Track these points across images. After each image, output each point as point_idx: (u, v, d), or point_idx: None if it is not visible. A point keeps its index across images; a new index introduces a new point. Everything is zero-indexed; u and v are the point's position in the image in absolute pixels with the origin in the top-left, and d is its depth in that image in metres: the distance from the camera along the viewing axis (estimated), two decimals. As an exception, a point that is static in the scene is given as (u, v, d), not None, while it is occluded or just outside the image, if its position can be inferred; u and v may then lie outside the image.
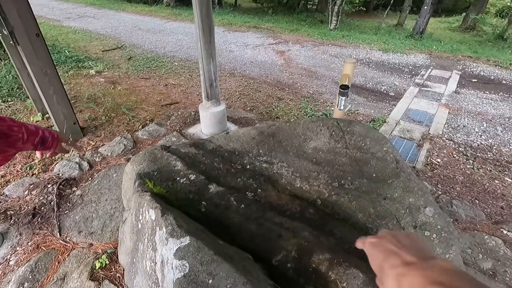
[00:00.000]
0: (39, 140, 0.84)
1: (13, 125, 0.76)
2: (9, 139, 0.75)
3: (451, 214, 1.99)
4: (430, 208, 1.13)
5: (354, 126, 1.42)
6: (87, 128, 3.14)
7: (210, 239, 1.02)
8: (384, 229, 1.13)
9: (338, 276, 0.97)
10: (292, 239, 1.10)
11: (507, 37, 8.77)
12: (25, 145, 0.80)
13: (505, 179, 2.77)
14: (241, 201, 1.28)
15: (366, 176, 1.29)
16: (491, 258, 1.64)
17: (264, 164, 1.48)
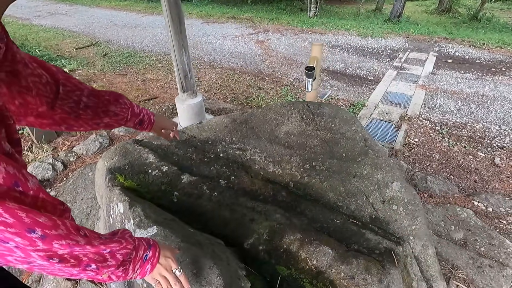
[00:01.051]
0: (138, 121, 0.92)
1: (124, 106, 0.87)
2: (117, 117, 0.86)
3: (426, 189, 2.06)
4: (397, 183, 1.16)
5: (324, 108, 1.43)
6: (61, 128, 3.04)
7: (180, 228, 1.02)
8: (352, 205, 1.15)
9: (309, 254, 0.98)
10: (264, 222, 1.10)
11: (480, 18, 8.97)
12: (127, 123, 0.90)
13: (478, 154, 2.86)
14: (214, 189, 1.28)
15: (336, 156, 1.31)
16: (463, 228, 1.70)
17: (237, 151, 1.47)
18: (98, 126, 0.85)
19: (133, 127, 0.93)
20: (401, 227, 1.07)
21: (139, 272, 0.64)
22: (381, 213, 1.12)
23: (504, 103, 3.89)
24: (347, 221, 1.11)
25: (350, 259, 0.96)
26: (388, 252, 1.00)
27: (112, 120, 0.85)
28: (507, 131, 3.25)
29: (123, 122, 0.89)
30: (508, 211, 1.87)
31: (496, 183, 2.45)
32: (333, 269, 0.94)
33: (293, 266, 0.97)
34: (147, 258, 0.66)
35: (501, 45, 6.22)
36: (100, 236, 0.57)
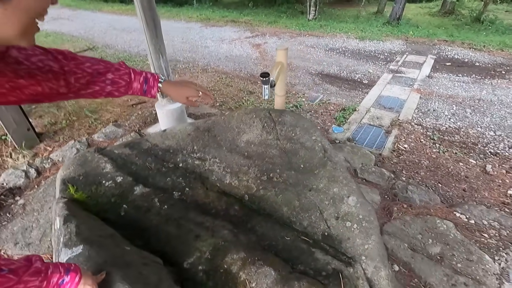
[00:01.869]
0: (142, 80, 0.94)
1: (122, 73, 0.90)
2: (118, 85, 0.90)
3: (406, 199, 1.96)
4: (353, 197, 1.08)
5: (285, 116, 1.36)
6: (45, 134, 3.02)
7: (113, 246, 0.96)
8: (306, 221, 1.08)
9: (249, 276, 0.91)
10: (209, 239, 1.04)
11: (483, 20, 8.80)
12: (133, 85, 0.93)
13: (470, 160, 2.76)
14: (165, 201, 1.22)
15: (294, 167, 1.24)
16: (441, 242, 1.61)
17: (197, 161, 1.41)
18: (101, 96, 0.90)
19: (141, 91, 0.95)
20: (354, 246, 1.00)
21: None
22: (334, 230, 1.04)
23: (501, 108, 3.77)
24: (298, 238, 1.04)
25: (292, 281, 0.89)
26: (335, 274, 0.93)
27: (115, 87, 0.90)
28: (502, 137, 3.14)
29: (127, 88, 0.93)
30: (491, 224, 1.77)
31: (485, 192, 2.34)
32: (272, 293, 0.87)
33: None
34: (63, 283, 0.64)
35: (502, 47, 6.07)
36: None
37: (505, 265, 1.51)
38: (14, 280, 0.53)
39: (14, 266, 0.55)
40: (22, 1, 0.45)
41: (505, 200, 2.23)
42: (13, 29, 0.47)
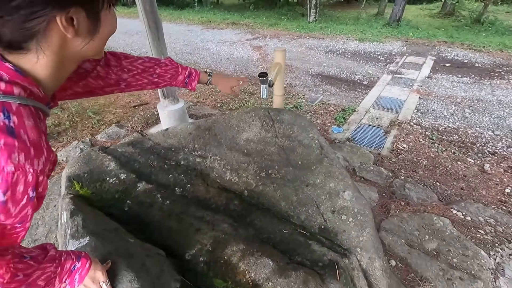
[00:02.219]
0: (187, 74, 1.07)
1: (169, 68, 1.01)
2: None
3: (403, 197, 2.00)
4: (348, 192, 1.12)
5: (284, 115, 1.40)
6: (49, 135, 3.08)
7: (117, 239, 1.00)
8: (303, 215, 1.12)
9: (248, 267, 0.95)
10: (210, 233, 1.08)
11: (483, 21, 8.83)
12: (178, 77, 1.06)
13: (468, 160, 2.78)
14: (167, 197, 1.26)
15: (292, 164, 1.28)
16: (437, 238, 1.64)
17: (198, 158, 1.45)
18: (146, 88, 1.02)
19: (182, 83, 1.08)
20: (349, 238, 1.03)
21: (68, 282, 0.68)
22: (330, 223, 1.08)
23: (500, 108, 3.80)
24: (295, 232, 1.08)
25: (290, 271, 0.92)
26: (331, 265, 0.96)
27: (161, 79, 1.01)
28: (500, 136, 3.16)
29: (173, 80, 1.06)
30: (487, 220, 1.80)
31: (483, 191, 2.37)
32: (270, 282, 0.91)
33: (231, 278, 0.94)
34: (75, 269, 0.69)
35: (501, 48, 6.10)
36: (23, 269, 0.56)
37: (500, 260, 1.54)
38: (35, 266, 0.57)
39: (33, 254, 0.59)
40: (103, 31, 0.56)
41: (502, 198, 2.26)
42: (95, 51, 0.58)
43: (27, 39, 0.46)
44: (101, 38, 0.56)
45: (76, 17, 0.48)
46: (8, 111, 0.44)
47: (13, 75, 0.47)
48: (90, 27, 0.52)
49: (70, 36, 0.49)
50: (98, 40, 0.55)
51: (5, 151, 0.42)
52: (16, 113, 0.45)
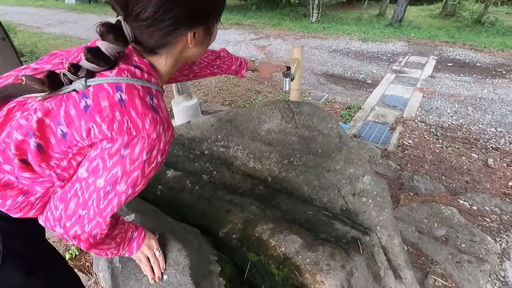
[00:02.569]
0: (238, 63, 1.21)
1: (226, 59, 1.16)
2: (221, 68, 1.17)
3: (412, 188, 2.08)
4: (367, 176, 1.21)
5: (303, 107, 1.49)
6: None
7: (158, 217, 1.09)
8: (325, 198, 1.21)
9: (278, 242, 1.04)
10: (240, 214, 1.16)
11: (484, 22, 8.93)
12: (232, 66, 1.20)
13: (472, 155, 2.87)
14: (196, 183, 1.35)
15: (313, 152, 1.36)
16: (446, 226, 1.73)
17: (221, 148, 1.54)
18: None
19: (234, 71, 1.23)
20: (369, 218, 1.12)
21: (127, 249, 0.77)
22: (351, 205, 1.17)
23: (502, 106, 3.89)
24: (319, 213, 1.17)
25: (317, 246, 1.01)
26: (354, 241, 1.05)
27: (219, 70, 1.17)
28: (503, 133, 3.25)
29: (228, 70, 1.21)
30: (492, 209, 1.89)
31: (487, 184, 2.46)
32: (299, 255, 0.99)
33: (263, 253, 1.03)
34: (133, 237, 0.78)
35: (502, 48, 6.20)
36: None
37: (506, 245, 1.63)
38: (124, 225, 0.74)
39: None
40: (212, 38, 0.69)
41: (506, 191, 2.34)
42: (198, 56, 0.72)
43: (164, 47, 0.60)
44: (203, 49, 0.69)
45: (198, 33, 0.61)
46: (151, 94, 0.57)
47: (149, 69, 0.60)
48: (204, 39, 0.65)
49: (190, 46, 0.63)
50: (200, 51, 0.69)
51: (152, 123, 0.54)
52: (155, 96, 0.58)
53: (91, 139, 0.53)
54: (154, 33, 0.56)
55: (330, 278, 0.91)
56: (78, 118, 0.52)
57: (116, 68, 0.55)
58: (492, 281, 1.44)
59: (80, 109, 0.52)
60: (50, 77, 0.52)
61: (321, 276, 0.91)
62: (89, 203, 0.56)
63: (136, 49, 0.61)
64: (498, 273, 1.49)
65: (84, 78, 0.53)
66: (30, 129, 0.52)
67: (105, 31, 0.53)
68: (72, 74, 0.52)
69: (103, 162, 0.54)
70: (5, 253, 0.62)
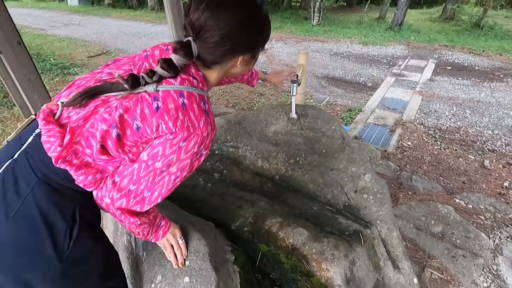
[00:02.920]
0: (250, 74, 1.35)
1: None
2: None
3: (410, 187, 2.18)
4: (368, 174, 1.30)
5: (308, 110, 1.59)
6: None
7: (175, 210, 1.18)
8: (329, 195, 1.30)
9: (286, 234, 1.13)
10: (250, 209, 1.26)
11: (483, 25, 9.05)
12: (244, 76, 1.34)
13: (469, 156, 2.97)
14: (208, 180, 1.44)
15: (317, 152, 1.46)
16: (442, 223, 1.82)
17: (231, 148, 1.64)
18: None
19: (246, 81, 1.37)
20: (370, 213, 1.22)
21: (154, 235, 0.88)
22: (353, 201, 1.26)
23: (499, 109, 3.99)
24: (323, 208, 1.26)
25: (322, 238, 1.10)
26: (356, 234, 1.14)
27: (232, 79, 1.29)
28: (499, 135, 3.35)
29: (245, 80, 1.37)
30: (487, 208, 1.98)
31: (483, 184, 2.55)
32: (306, 246, 1.08)
33: (272, 244, 1.12)
34: (160, 225, 0.89)
35: (500, 52, 6.31)
36: None
37: (499, 241, 1.72)
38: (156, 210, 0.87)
39: None
40: (255, 62, 0.84)
41: (501, 191, 2.44)
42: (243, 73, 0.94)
43: (218, 64, 0.75)
44: (245, 70, 0.85)
45: (247, 56, 0.77)
46: (204, 101, 0.71)
47: (202, 80, 0.74)
48: (249, 62, 0.81)
49: (238, 66, 0.79)
50: (248, 69, 0.85)
51: (205, 123, 0.68)
52: (207, 102, 0.73)
53: (158, 133, 0.66)
54: (214, 53, 0.71)
55: (335, 266, 1.00)
56: (151, 116, 0.65)
57: (178, 78, 0.69)
58: (485, 274, 1.53)
59: (152, 109, 0.65)
60: (132, 77, 0.66)
61: (326, 264, 1.01)
62: (142, 180, 0.69)
63: (195, 63, 0.74)
64: (491, 267, 1.58)
65: (155, 84, 0.67)
66: (114, 122, 0.64)
67: (178, 47, 0.68)
68: (148, 77, 0.66)
69: (163, 150, 0.66)
70: (82, 223, 0.74)
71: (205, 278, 0.89)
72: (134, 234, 0.85)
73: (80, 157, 0.67)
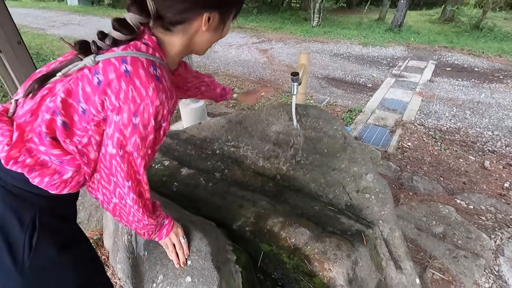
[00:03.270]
0: (222, 88, 1.29)
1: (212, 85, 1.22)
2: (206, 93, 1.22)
3: (411, 188, 2.18)
4: (370, 174, 1.30)
5: (309, 109, 1.58)
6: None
7: (177, 210, 1.17)
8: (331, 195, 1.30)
9: (288, 234, 1.13)
10: (252, 208, 1.25)
11: (482, 27, 9.07)
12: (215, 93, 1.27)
13: (469, 157, 2.97)
14: (209, 180, 1.44)
15: (319, 152, 1.46)
16: (443, 223, 1.82)
17: (232, 148, 1.63)
18: None
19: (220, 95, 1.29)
20: (372, 213, 1.21)
21: (157, 234, 0.86)
22: (356, 201, 1.26)
23: (499, 110, 3.99)
24: (325, 208, 1.26)
25: (324, 238, 1.10)
26: (358, 234, 1.14)
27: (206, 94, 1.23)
28: (500, 136, 3.35)
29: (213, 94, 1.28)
30: (488, 209, 1.98)
31: (484, 185, 2.55)
32: (308, 246, 1.08)
33: (274, 243, 1.11)
34: (164, 224, 0.87)
35: (500, 53, 6.33)
36: None
37: (500, 242, 1.72)
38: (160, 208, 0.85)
39: None
40: (224, 32, 0.74)
41: (501, 192, 2.44)
42: (205, 48, 0.76)
43: (180, 24, 0.65)
44: (214, 39, 0.73)
45: (213, 17, 0.66)
46: (155, 65, 0.61)
47: (155, 46, 0.64)
48: (216, 28, 0.70)
49: (203, 29, 0.67)
50: (211, 40, 0.73)
51: (155, 90, 0.58)
52: (159, 67, 0.62)
53: (105, 111, 0.58)
54: (174, 7, 0.62)
55: (337, 266, 0.99)
56: (93, 93, 0.57)
57: (123, 44, 0.60)
58: (486, 275, 1.53)
59: (94, 85, 0.57)
60: (81, 42, 0.60)
61: (329, 264, 1.00)
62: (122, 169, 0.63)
63: (150, 29, 0.66)
64: (493, 267, 1.58)
65: (93, 55, 0.59)
66: (56, 108, 0.58)
67: (130, 3, 0.61)
68: (100, 40, 0.59)
69: (122, 135, 0.59)
70: (41, 229, 0.68)
71: (207, 278, 0.88)
72: (139, 235, 0.83)
73: (34, 155, 0.61)
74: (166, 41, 0.67)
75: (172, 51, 0.70)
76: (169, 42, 0.68)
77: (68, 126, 0.59)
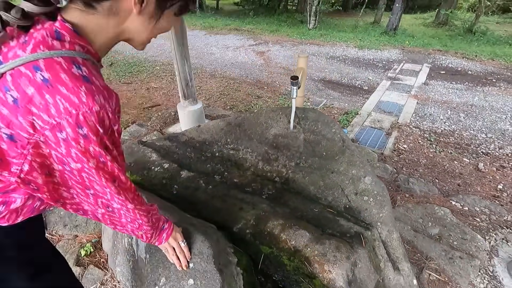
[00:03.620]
0: None
1: None
2: None
3: (408, 190, 2.21)
4: (368, 177, 1.32)
5: (308, 113, 1.60)
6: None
7: (177, 213, 1.18)
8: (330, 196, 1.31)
9: (288, 236, 1.14)
10: (252, 211, 1.26)
11: (475, 31, 9.22)
12: None
13: (463, 159, 3.02)
14: (209, 183, 1.44)
15: (317, 154, 1.47)
16: (439, 225, 1.85)
17: (231, 151, 1.64)
18: None
19: None
20: (371, 215, 1.23)
21: (157, 239, 0.86)
22: (354, 203, 1.28)
23: (492, 113, 4.06)
24: (324, 210, 1.27)
25: (324, 240, 1.11)
26: (357, 235, 1.16)
27: None
28: (493, 139, 3.41)
29: None
30: (482, 210, 2.01)
31: (478, 187, 2.59)
32: (308, 248, 1.09)
33: (275, 246, 1.13)
34: (164, 228, 0.87)
35: (493, 57, 6.43)
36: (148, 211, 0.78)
37: (494, 243, 1.75)
38: (158, 211, 0.84)
39: None
40: (159, 25, 0.62)
41: (495, 194, 2.48)
42: (142, 39, 0.64)
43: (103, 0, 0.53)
44: (153, 30, 0.63)
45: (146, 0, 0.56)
46: (76, 62, 0.50)
47: (72, 35, 0.52)
48: (152, 14, 0.59)
49: (135, 12, 0.56)
50: (150, 31, 0.62)
51: (89, 94, 0.49)
52: (83, 64, 0.52)
53: (40, 132, 0.49)
54: None
55: (337, 268, 1.01)
56: (14, 115, 0.48)
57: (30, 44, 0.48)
58: (481, 276, 1.56)
59: (10, 105, 0.47)
60: None
61: (329, 266, 1.02)
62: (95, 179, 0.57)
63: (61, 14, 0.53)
64: (487, 268, 1.61)
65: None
66: None
67: None
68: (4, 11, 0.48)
69: (77, 149, 0.51)
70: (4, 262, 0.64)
71: (210, 280, 0.89)
72: (138, 237, 0.83)
73: None
74: (89, 24, 0.55)
75: (100, 38, 0.57)
76: (94, 25, 0.55)
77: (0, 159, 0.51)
